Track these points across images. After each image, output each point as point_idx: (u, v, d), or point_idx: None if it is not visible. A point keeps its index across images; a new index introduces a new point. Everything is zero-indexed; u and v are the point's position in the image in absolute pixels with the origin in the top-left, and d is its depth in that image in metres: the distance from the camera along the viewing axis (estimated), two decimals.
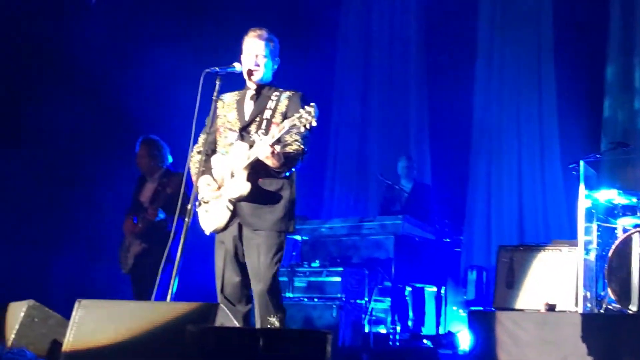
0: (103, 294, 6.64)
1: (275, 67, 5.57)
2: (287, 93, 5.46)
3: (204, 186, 5.40)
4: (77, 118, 10.03)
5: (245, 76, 5.47)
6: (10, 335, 4.71)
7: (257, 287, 5.25)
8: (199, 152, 5.54)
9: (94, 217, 9.99)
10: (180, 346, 3.75)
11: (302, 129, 5.02)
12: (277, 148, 5.08)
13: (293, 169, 5.34)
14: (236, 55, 5.54)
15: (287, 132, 5.10)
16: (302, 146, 5.30)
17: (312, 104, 5.00)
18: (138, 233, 7.93)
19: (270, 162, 5.11)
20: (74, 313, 4.44)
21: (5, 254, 9.43)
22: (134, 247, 7.95)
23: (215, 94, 5.41)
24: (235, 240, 5.37)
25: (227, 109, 5.56)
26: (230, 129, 5.48)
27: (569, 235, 9.73)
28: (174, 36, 10.87)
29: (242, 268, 5.39)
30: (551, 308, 7.15)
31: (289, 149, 5.25)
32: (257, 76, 5.44)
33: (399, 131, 12.69)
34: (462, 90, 11.88)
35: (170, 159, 8.18)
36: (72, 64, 9.93)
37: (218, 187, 5.41)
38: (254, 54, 5.45)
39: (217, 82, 5.38)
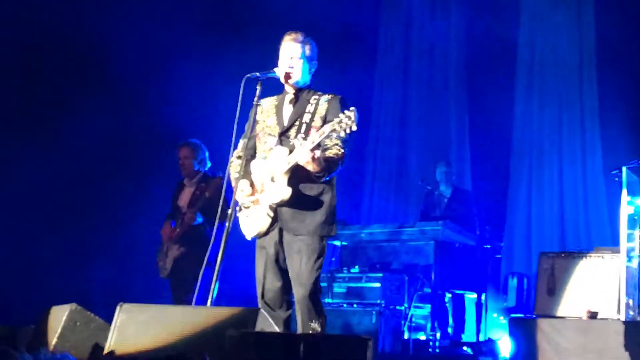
0: (144, 298, 6.67)
1: (313, 70, 5.55)
2: (326, 96, 5.45)
3: (239, 192, 5.40)
4: (117, 122, 10.14)
5: (283, 80, 5.47)
6: (53, 339, 4.73)
7: (299, 292, 5.24)
8: (238, 157, 5.55)
9: (135, 221, 10.06)
10: (220, 351, 3.75)
11: (342, 134, 5.01)
12: (317, 153, 5.07)
13: (333, 174, 5.33)
14: (276, 63, 5.55)
15: (328, 136, 5.09)
16: (342, 150, 5.29)
17: (352, 108, 4.98)
18: (176, 237, 7.97)
19: (311, 167, 5.10)
20: (115, 317, 4.46)
21: (49, 258, 9.54)
22: (172, 252, 7.98)
23: (255, 99, 5.43)
24: (277, 246, 5.36)
25: (266, 114, 5.56)
26: (270, 134, 5.48)
27: (611, 242, 9.62)
28: (212, 43, 10.94)
29: (283, 273, 5.38)
30: (593, 316, 7.07)
31: (329, 153, 5.24)
32: (294, 78, 5.43)
33: (439, 136, 12.64)
34: (503, 95, 11.81)
35: (209, 164, 8.22)
36: (108, 68, 10.01)
37: (252, 192, 5.41)
38: (289, 56, 5.45)
39: (258, 87, 5.39)
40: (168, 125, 10.19)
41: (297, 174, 5.21)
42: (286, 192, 5.22)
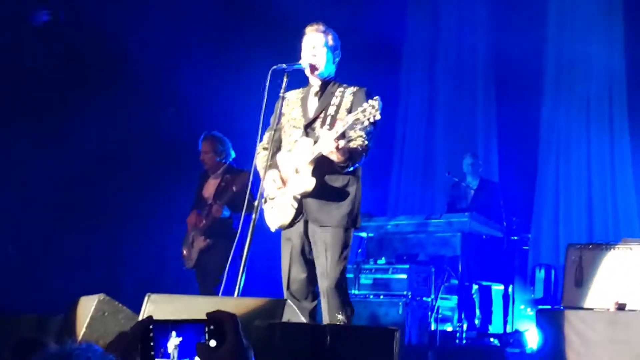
0: (172, 289, 6.71)
1: (337, 59, 5.56)
2: (352, 89, 5.45)
3: (269, 181, 5.41)
4: (139, 116, 10.20)
5: (308, 72, 5.48)
6: (81, 329, 4.77)
7: (325, 283, 5.25)
8: (265, 149, 5.56)
9: (164, 212, 10.11)
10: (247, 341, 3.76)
11: (366, 123, 5.01)
12: (342, 143, 5.07)
13: (357, 165, 5.32)
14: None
15: (352, 127, 5.09)
16: (366, 142, 5.28)
17: (376, 97, 4.98)
18: (202, 229, 8.00)
19: (335, 157, 5.10)
20: (143, 307, 4.49)
21: (76, 249, 9.61)
22: (198, 243, 8.03)
23: (281, 91, 5.44)
24: (302, 237, 5.37)
25: (291, 106, 5.57)
26: (295, 126, 5.49)
27: (639, 234, 9.57)
28: (237, 37, 10.96)
29: (308, 264, 5.39)
30: (621, 307, 7.02)
31: (352, 144, 5.24)
32: (319, 68, 5.43)
33: (466, 128, 12.60)
34: (530, 86, 11.75)
35: (233, 154, 8.24)
36: (131, 60, 10.05)
37: (283, 183, 5.43)
38: (312, 45, 5.46)
39: (284, 79, 5.40)
40: (190, 119, 10.25)
41: (321, 165, 5.22)
42: (310, 183, 5.22)
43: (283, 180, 5.43)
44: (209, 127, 8.49)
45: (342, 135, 5.11)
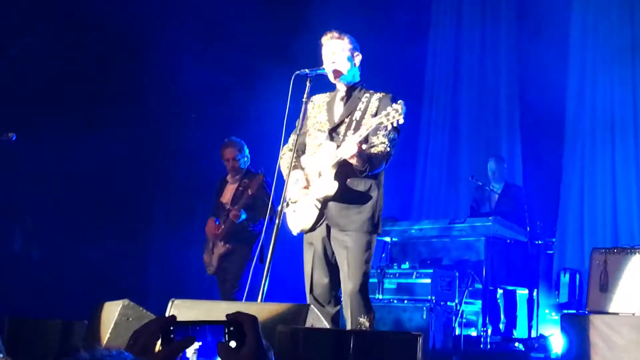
0: (196, 294, 6.73)
1: (357, 60, 5.57)
2: (378, 95, 5.46)
3: (292, 181, 5.43)
4: (162, 122, 10.25)
5: (332, 78, 5.51)
6: (106, 335, 4.80)
7: (348, 287, 5.25)
8: (290, 150, 5.58)
9: (188, 219, 10.15)
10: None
11: (390, 127, 5.01)
12: (363, 147, 5.08)
13: (377, 170, 5.32)
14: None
15: (375, 132, 5.10)
16: (388, 148, 5.28)
17: (399, 101, 4.99)
18: (221, 234, 8.03)
19: (355, 161, 5.11)
20: (167, 313, 4.51)
21: (101, 255, 9.66)
22: (217, 249, 8.06)
23: (305, 95, 5.46)
24: (324, 241, 5.38)
25: (318, 110, 5.59)
26: (320, 130, 5.51)
27: None
28: (265, 43, 11.01)
29: (331, 269, 5.40)
30: None
31: (374, 150, 5.24)
32: (340, 72, 5.45)
33: (490, 131, 12.57)
34: (555, 89, 11.69)
35: (249, 160, 8.28)
36: (154, 64, 10.10)
37: (306, 185, 5.44)
38: (331, 52, 5.49)
39: (307, 84, 5.42)
40: (212, 124, 10.30)
41: (344, 170, 5.23)
42: (332, 187, 5.24)
43: (307, 183, 5.44)
44: (230, 133, 8.52)
45: (365, 140, 5.12)
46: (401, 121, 4.92)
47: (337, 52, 5.48)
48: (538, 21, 11.82)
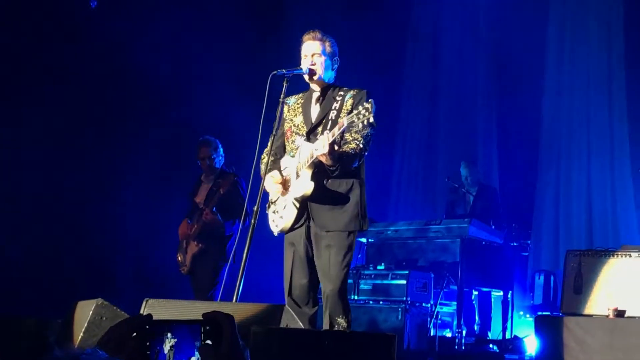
0: (171, 294, 6.71)
1: (335, 65, 5.56)
2: (352, 92, 5.45)
3: (269, 181, 5.43)
4: (144, 119, 10.22)
5: (307, 78, 5.49)
6: (79, 334, 4.77)
7: (328, 287, 5.24)
8: (267, 154, 5.57)
9: (161, 217, 10.13)
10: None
11: (360, 126, 5.01)
12: (335, 147, 5.07)
13: (350, 167, 5.28)
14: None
15: (348, 129, 5.10)
16: (360, 145, 5.25)
17: (370, 100, 4.97)
18: (194, 234, 8.03)
19: (325, 159, 5.10)
20: (141, 312, 4.49)
21: (74, 254, 9.62)
22: (191, 248, 8.06)
23: (282, 96, 5.45)
24: (305, 242, 5.36)
25: (293, 112, 5.58)
26: (297, 133, 5.50)
27: (638, 241, 9.57)
28: (241, 44, 11.00)
29: (310, 270, 5.39)
30: (620, 314, 7.03)
31: (346, 148, 5.22)
32: (317, 73, 5.45)
33: (466, 133, 12.62)
34: (531, 93, 11.76)
35: (222, 160, 8.27)
36: (131, 63, 10.07)
37: (282, 182, 5.43)
38: (310, 53, 5.48)
39: (284, 84, 5.41)
40: (191, 122, 10.28)
41: (322, 169, 5.22)
42: (309, 187, 5.23)
43: (285, 184, 5.44)
44: (208, 132, 8.51)
45: (342, 138, 5.12)
46: (371, 120, 4.90)
47: (317, 55, 5.47)
48: (514, 42, 11.89)
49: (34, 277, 9.23)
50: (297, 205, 5.33)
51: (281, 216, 5.42)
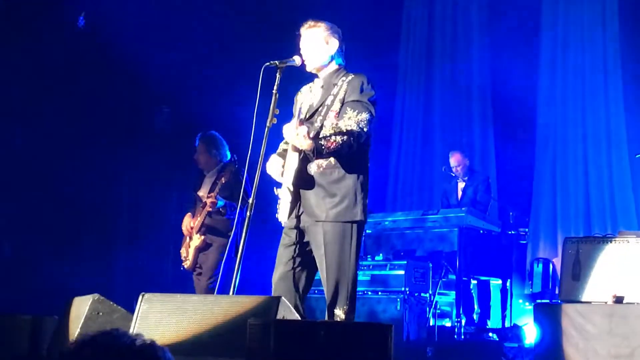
0: (167, 288, 6.70)
1: (334, 49, 5.47)
2: (349, 77, 5.38)
3: (270, 161, 5.38)
4: (136, 114, 10.19)
5: (308, 68, 5.48)
6: (76, 330, 4.75)
7: (322, 278, 5.18)
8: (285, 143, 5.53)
9: (159, 211, 10.12)
10: (242, 339, 3.75)
11: (353, 112, 5.03)
12: (302, 130, 5.01)
13: (345, 151, 5.17)
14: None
15: (343, 115, 5.09)
16: (355, 127, 5.13)
17: (364, 114, 5.02)
18: (197, 227, 8.00)
19: (298, 144, 5.08)
20: (137, 307, 4.47)
21: (71, 250, 9.61)
22: (194, 241, 8.01)
23: (275, 87, 5.39)
24: (299, 231, 5.30)
25: (301, 100, 5.55)
26: (302, 120, 5.47)
27: (637, 227, 9.57)
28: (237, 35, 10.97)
29: (294, 260, 5.31)
30: (619, 300, 7.01)
31: (333, 134, 5.12)
32: (310, 64, 5.41)
33: (463, 123, 12.61)
34: (527, 79, 11.75)
35: (228, 155, 8.21)
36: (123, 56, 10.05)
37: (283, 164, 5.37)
38: (304, 44, 5.45)
39: (277, 75, 5.36)
40: (191, 116, 10.25)
41: (311, 156, 5.16)
42: (295, 173, 5.18)
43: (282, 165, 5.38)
44: (209, 127, 8.47)
45: (321, 127, 5.11)
46: (353, 127, 4.94)
47: (310, 42, 5.43)
48: (509, 30, 11.88)
49: (30, 274, 9.22)
50: (289, 194, 5.23)
51: (281, 205, 5.37)
